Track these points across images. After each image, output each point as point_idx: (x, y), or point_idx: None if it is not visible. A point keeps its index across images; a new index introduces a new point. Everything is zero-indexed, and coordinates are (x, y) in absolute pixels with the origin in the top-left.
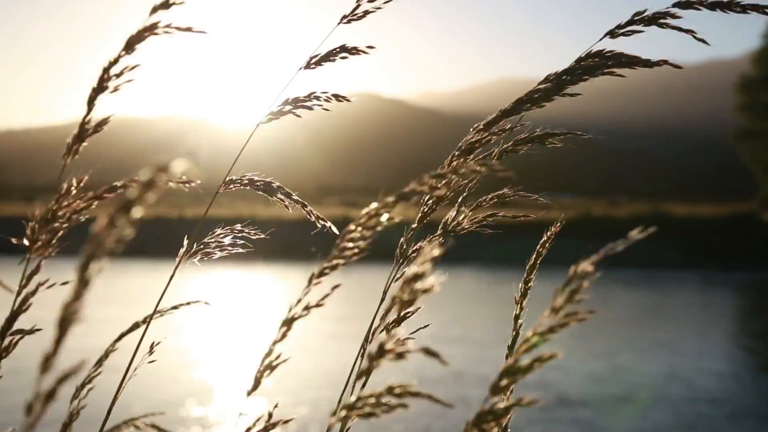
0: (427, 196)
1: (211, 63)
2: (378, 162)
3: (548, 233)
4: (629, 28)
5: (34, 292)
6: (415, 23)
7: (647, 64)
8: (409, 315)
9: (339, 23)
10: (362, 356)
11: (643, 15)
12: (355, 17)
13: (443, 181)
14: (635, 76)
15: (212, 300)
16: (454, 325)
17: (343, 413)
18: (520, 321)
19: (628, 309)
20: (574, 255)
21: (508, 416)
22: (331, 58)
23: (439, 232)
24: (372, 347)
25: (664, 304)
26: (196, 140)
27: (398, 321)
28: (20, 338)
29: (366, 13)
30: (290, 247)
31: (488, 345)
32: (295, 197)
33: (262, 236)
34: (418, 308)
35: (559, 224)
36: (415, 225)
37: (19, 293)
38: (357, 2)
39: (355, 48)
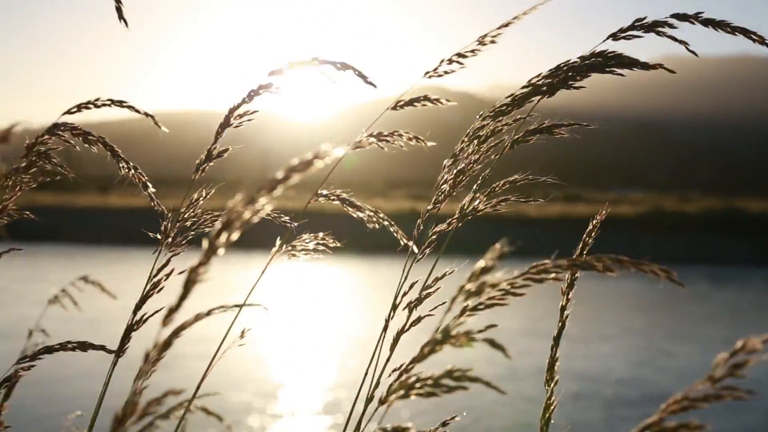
0: (443, 183)
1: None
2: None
3: (594, 223)
4: (629, 32)
5: (158, 282)
6: (483, 13)
7: (645, 66)
8: (481, 307)
9: (422, 76)
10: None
11: (643, 22)
12: (436, 74)
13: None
14: (709, 69)
15: (282, 292)
16: (545, 320)
17: (402, 392)
18: (566, 312)
19: (698, 307)
20: (645, 250)
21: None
22: (414, 104)
23: (456, 215)
24: (438, 333)
25: (733, 303)
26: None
27: (463, 311)
28: (150, 315)
29: (446, 72)
30: (358, 241)
31: (580, 340)
32: (381, 215)
33: (339, 245)
34: (493, 302)
35: (603, 213)
36: (430, 207)
37: (150, 280)
38: (440, 61)
39: (437, 99)
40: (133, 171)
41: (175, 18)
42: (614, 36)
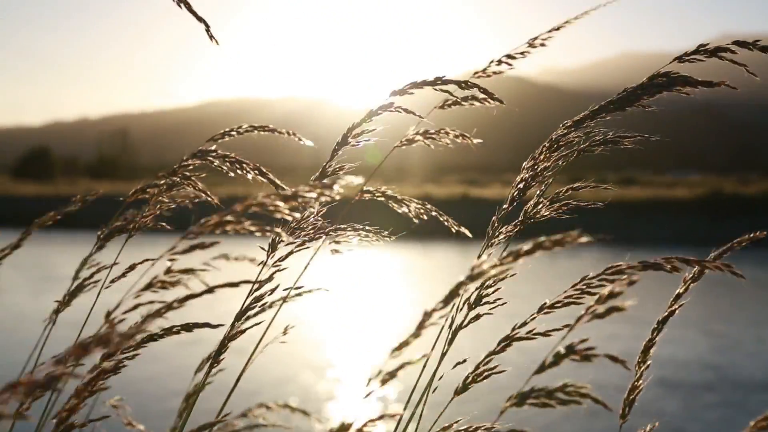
0: (518, 179)
1: (332, 43)
2: (498, 140)
3: None
4: (694, 56)
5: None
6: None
7: (710, 85)
8: (558, 305)
9: (472, 76)
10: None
11: (706, 47)
12: (485, 75)
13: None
14: None
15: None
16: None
17: (515, 400)
18: (681, 302)
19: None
20: (701, 234)
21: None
22: (461, 103)
23: (520, 219)
24: (560, 347)
25: None
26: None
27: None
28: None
29: (495, 73)
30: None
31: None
32: (429, 206)
33: (381, 242)
34: (570, 300)
35: None
36: (506, 206)
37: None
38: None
39: (484, 99)
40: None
41: (225, 5)
42: (680, 59)
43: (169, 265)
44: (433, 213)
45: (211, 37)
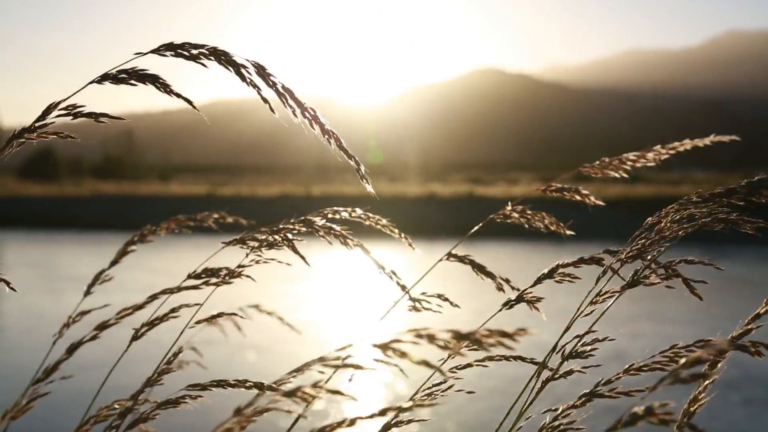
0: (641, 237)
1: (337, 42)
2: (503, 138)
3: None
4: None
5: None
6: None
7: None
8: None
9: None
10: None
11: None
12: (592, 172)
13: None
14: None
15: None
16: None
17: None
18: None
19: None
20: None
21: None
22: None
23: (629, 280)
24: (638, 408)
25: None
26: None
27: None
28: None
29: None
30: (412, 223)
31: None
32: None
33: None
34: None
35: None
36: (623, 256)
37: None
38: None
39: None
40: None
41: (227, 6)
42: None
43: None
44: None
45: (363, 178)
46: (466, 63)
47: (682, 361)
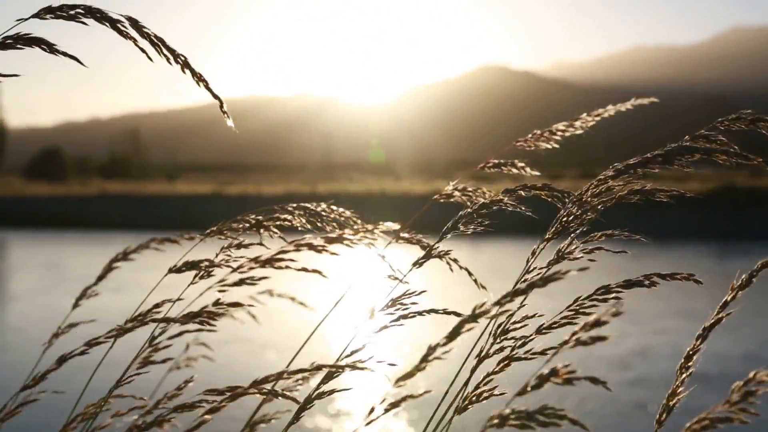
0: (564, 216)
1: (341, 41)
2: (508, 135)
3: None
4: (735, 123)
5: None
6: None
7: (747, 159)
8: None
9: (513, 144)
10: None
11: (747, 117)
12: (526, 145)
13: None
14: None
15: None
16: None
17: (497, 420)
18: (730, 310)
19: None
20: (715, 227)
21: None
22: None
23: (554, 257)
24: (544, 370)
25: None
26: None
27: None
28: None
29: (535, 145)
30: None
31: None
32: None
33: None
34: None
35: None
36: (548, 235)
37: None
38: None
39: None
40: None
41: (236, 3)
42: (721, 122)
43: (219, 297)
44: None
45: (225, 114)
46: (471, 60)
47: (583, 323)
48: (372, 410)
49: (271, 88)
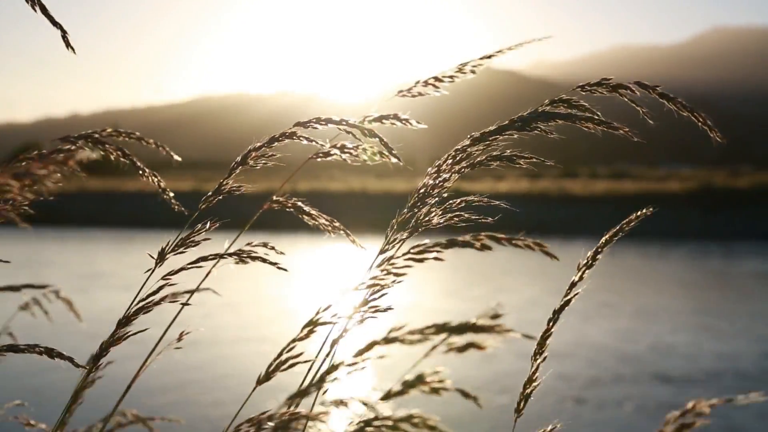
0: (421, 188)
1: (323, 39)
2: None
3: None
4: (595, 88)
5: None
6: None
7: (613, 128)
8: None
9: (395, 95)
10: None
11: (609, 82)
12: (409, 94)
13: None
14: (761, 40)
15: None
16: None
17: (359, 426)
18: (576, 290)
19: (748, 280)
20: (694, 227)
21: None
22: (383, 121)
23: (411, 225)
24: (409, 376)
25: None
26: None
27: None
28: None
29: (420, 94)
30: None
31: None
32: (337, 224)
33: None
34: (377, 282)
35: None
36: (406, 210)
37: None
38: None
39: (406, 120)
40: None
41: (217, 2)
42: (582, 87)
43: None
44: (341, 231)
45: (68, 44)
46: (452, 59)
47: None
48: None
49: (253, 85)
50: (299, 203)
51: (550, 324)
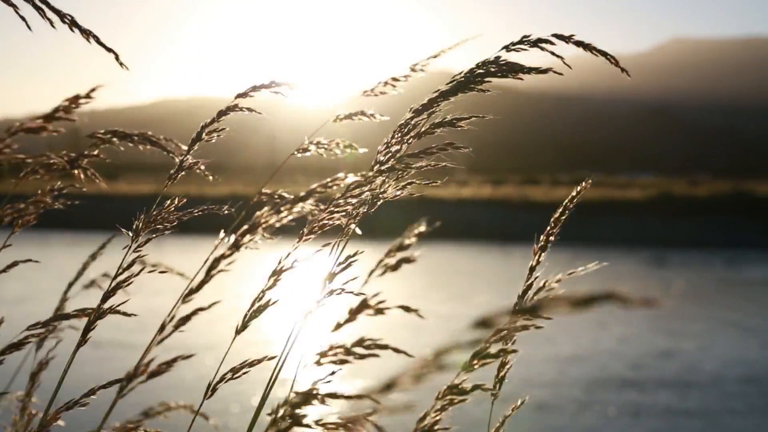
0: (374, 164)
1: (287, 42)
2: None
3: (562, 211)
4: (519, 46)
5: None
6: (487, 1)
7: (542, 71)
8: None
9: (361, 94)
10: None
11: (529, 38)
12: (372, 94)
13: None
14: (720, 51)
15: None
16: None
17: (317, 358)
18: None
19: (707, 288)
20: (653, 234)
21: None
22: (352, 117)
23: (367, 201)
24: (355, 302)
25: (743, 284)
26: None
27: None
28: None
29: (382, 93)
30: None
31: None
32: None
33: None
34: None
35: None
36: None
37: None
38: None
39: (372, 115)
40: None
41: (179, 4)
42: (506, 48)
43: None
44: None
45: (121, 64)
46: (409, 64)
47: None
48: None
49: (216, 88)
50: (284, 193)
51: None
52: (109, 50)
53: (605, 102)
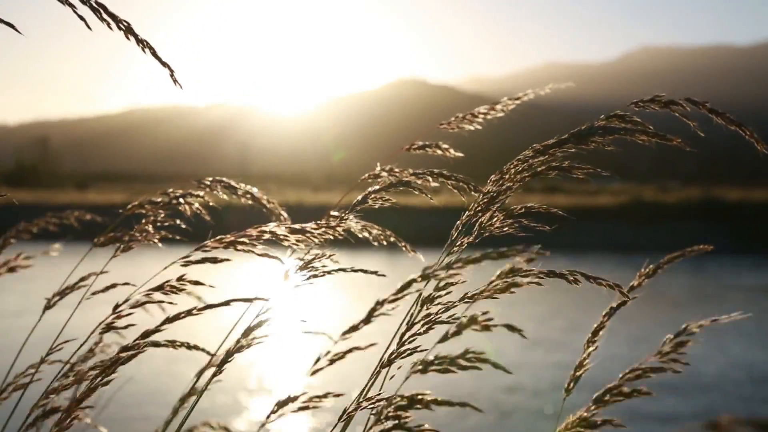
0: (485, 191)
1: (259, 50)
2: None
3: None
4: (648, 104)
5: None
6: (462, 6)
7: (665, 139)
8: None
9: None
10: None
11: (661, 98)
12: (449, 127)
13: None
14: (687, 58)
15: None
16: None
17: (420, 366)
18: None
19: (677, 294)
20: (624, 240)
21: None
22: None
23: (474, 232)
24: (464, 319)
25: (713, 289)
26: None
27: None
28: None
29: (459, 127)
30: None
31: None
32: (388, 233)
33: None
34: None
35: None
36: (470, 213)
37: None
38: None
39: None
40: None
41: (154, 11)
42: (636, 104)
43: (183, 273)
44: (392, 239)
45: (175, 81)
46: (391, 73)
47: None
48: (318, 360)
49: (188, 97)
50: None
51: (605, 317)
52: (165, 64)
53: (575, 109)
